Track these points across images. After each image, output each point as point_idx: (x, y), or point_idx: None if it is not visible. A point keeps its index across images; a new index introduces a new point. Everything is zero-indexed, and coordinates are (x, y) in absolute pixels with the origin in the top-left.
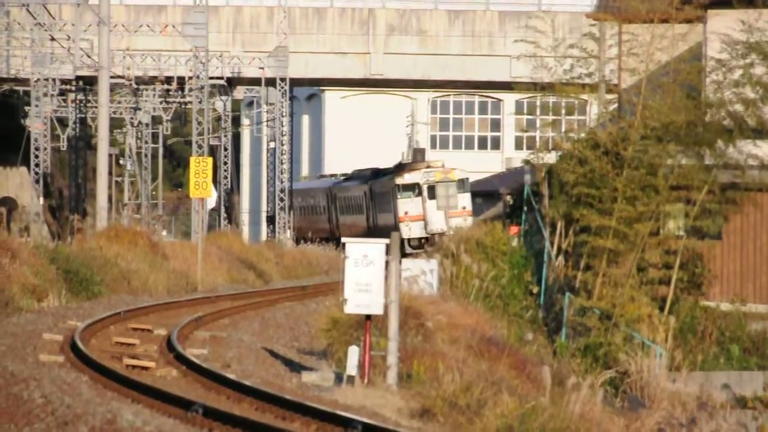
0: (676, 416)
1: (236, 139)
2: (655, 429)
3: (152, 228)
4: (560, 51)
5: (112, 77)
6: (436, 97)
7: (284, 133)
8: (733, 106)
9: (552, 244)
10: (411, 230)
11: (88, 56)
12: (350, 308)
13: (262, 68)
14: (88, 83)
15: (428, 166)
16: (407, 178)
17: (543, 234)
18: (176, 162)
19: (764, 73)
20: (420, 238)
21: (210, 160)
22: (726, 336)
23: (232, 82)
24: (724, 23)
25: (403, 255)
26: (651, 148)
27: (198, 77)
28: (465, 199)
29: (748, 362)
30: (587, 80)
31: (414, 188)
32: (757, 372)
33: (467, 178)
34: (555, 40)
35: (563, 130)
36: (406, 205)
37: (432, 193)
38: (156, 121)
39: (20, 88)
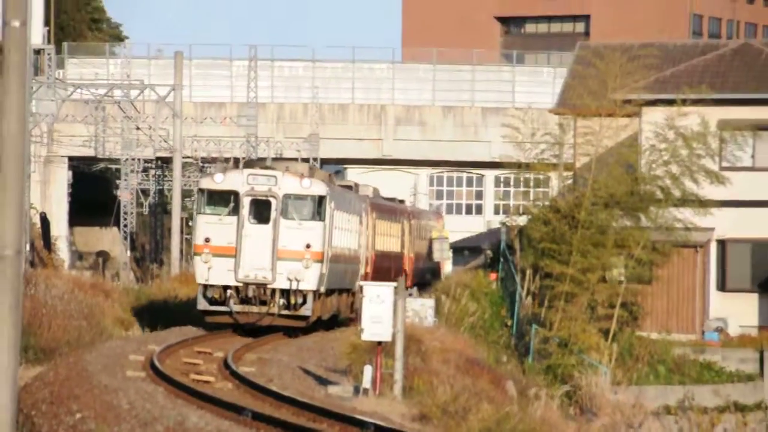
0: (617, 420)
1: None
2: (602, 430)
3: None
4: (535, 138)
5: (183, 158)
6: (434, 173)
7: None
8: (663, 180)
9: (522, 287)
10: (211, 272)
11: (165, 141)
12: (366, 336)
13: (299, 150)
14: (164, 162)
15: (266, 167)
16: (219, 182)
17: (515, 279)
18: None
19: (687, 155)
20: (224, 287)
21: None
22: (655, 359)
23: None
24: (654, 117)
25: (204, 314)
26: (599, 213)
27: (249, 158)
28: (316, 231)
29: (671, 379)
30: (553, 161)
31: (228, 200)
32: (679, 386)
33: (325, 196)
34: (532, 130)
35: (532, 199)
36: (210, 228)
37: (258, 212)
38: None
39: (113, 166)
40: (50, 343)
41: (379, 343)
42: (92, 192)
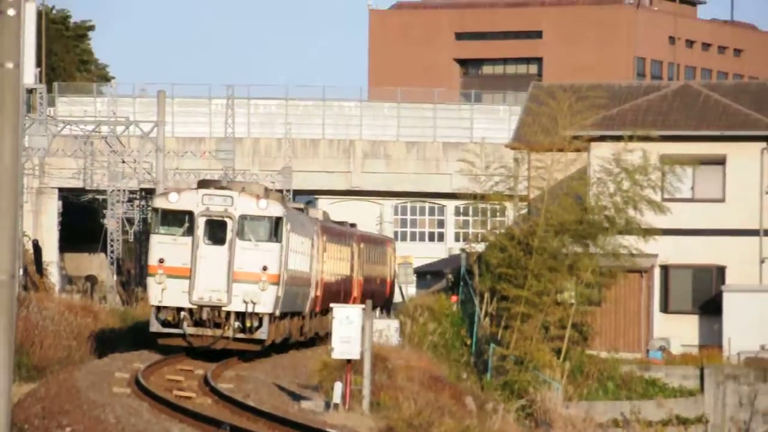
0: None
1: None
2: None
3: None
4: (490, 170)
5: (165, 189)
6: (398, 203)
7: None
8: (609, 210)
9: (481, 309)
10: (165, 293)
11: (149, 173)
12: (336, 354)
13: (273, 182)
14: (148, 193)
15: (222, 187)
16: (173, 201)
17: (474, 301)
18: None
19: (630, 186)
20: (178, 309)
21: None
22: (604, 375)
23: None
24: (602, 152)
25: (157, 336)
26: (551, 240)
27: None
28: (273, 253)
29: (619, 394)
30: (508, 192)
31: (183, 220)
32: (626, 401)
33: (282, 217)
34: (487, 163)
35: (489, 227)
36: (164, 249)
37: (214, 232)
38: None
39: (100, 197)
40: (42, 362)
41: (349, 361)
42: (81, 221)
